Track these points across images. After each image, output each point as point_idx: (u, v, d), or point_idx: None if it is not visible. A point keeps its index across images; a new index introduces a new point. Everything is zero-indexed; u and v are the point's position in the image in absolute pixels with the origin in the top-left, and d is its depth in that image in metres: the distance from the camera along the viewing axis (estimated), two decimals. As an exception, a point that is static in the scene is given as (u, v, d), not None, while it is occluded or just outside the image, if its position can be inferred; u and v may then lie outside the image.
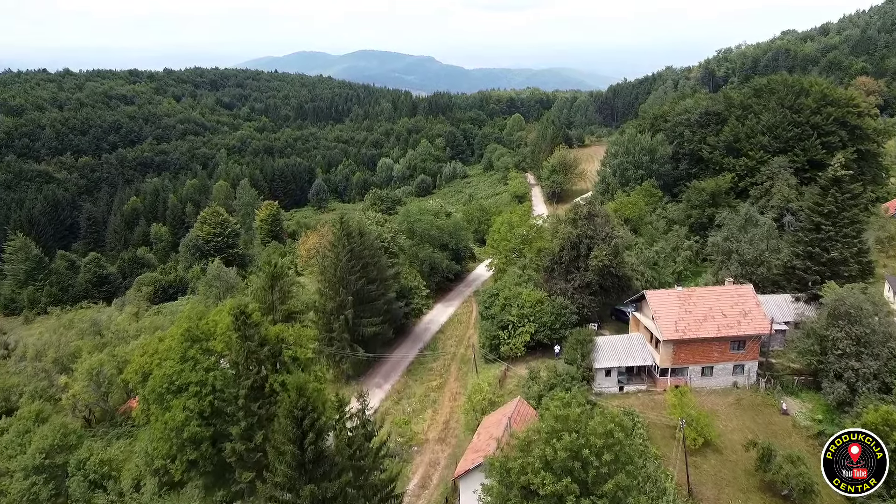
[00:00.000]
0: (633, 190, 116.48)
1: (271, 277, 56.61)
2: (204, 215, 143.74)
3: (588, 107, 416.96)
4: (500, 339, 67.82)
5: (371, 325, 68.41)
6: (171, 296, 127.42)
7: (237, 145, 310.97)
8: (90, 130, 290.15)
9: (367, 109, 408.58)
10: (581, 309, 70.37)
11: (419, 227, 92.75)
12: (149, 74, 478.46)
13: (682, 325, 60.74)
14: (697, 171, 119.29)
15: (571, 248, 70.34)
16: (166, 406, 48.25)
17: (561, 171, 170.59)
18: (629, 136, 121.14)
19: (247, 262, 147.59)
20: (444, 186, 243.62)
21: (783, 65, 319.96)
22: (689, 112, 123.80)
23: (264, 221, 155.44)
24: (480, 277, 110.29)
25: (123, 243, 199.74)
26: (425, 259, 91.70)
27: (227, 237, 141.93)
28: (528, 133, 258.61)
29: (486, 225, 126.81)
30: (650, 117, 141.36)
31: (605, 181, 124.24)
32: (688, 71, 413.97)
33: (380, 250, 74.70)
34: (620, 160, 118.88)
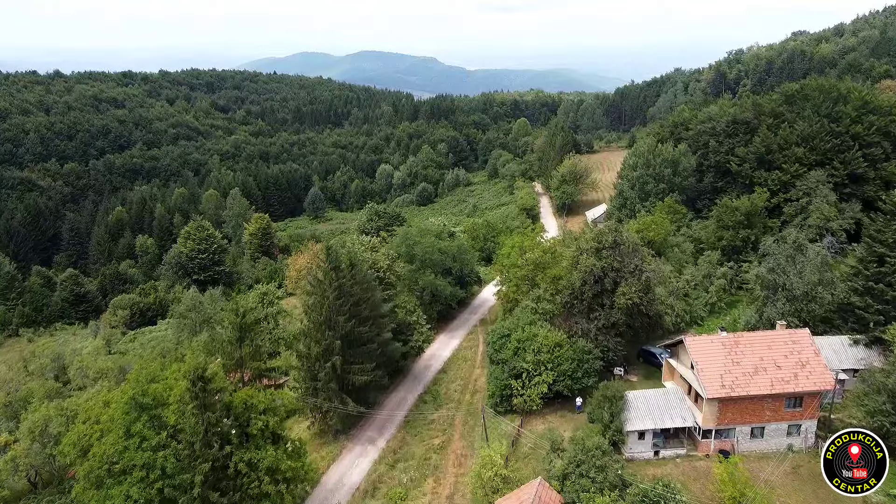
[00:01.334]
0: (654, 206, 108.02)
1: (239, 329, 47.98)
2: (188, 230, 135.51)
3: (595, 110, 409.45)
4: (513, 390, 59.23)
5: (362, 372, 59.79)
6: (150, 319, 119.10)
7: (231, 151, 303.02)
8: (77, 135, 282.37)
9: (367, 113, 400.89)
10: (606, 353, 61.78)
11: (419, 250, 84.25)
12: (143, 76, 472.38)
13: (729, 379, 52.08)
14: (724, 185, 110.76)
15: (595, 283, 61.72)
16: (106, 493, 39.68)
17: (572, 182, 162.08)
18: (649, 146, 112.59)
19: (234, 281, 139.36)
20: (447, 195, 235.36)
21: (799, 67, 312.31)
22: (715, 120, 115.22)
23: (254, 236, 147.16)
24: (487, 303, 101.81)
25: (107, 256, 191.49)
26: (426, 286, 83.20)
27: (212, 254, 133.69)
28: (534, 139, 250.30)
29: (493, 242, 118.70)
30: (669, 125, 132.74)
31: (622, 195, 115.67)
32: (698, 73, 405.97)
33: (374, 282, 66.09)
34: (640, 173, 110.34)
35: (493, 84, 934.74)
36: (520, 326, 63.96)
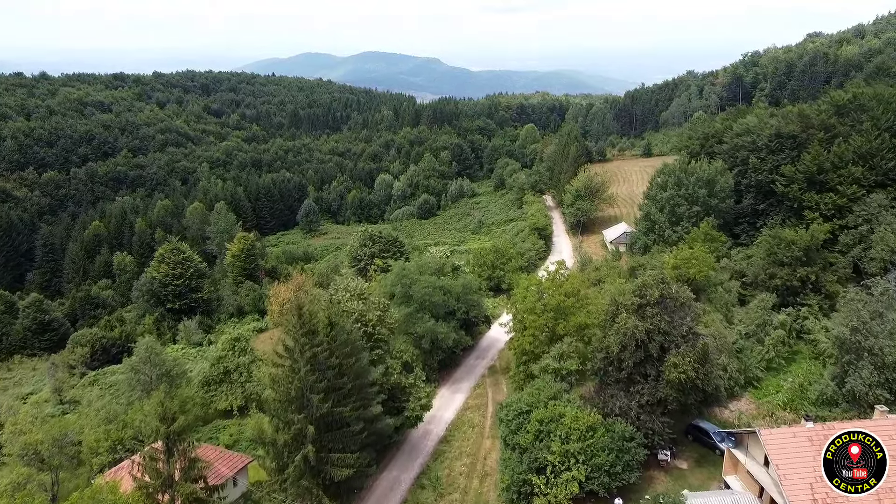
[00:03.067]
0: (687, 230, 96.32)
1: (167, 439, 36.21)
2: (162, 252, 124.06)
3: (605, 115, 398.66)
4: (535, 488, 47.41)
5: (343, 463, 48.06)
6: (115, 357, 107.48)
7: (222, 158, 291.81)
8: (59, 141, 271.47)
9: (367, 117, 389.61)
10: (650, 436, 50.02)
11: (417, 290, 72.59)
12: (135, 78, 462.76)
13: (822, 490, 40.20)
14: (767, 208, 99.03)
15: (636, 348, 49.92)
16: None
17: (587, 197, 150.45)
18: (681, 163, 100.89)
19: (213, 309, 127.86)
20: (450, 207, 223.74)
21: (822, 70, 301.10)
22: (754, 133, 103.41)
23: (237, 257, 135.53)
24: (496, 343, 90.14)
25: (82, 275, 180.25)
26: (425, 334, 71.46)
27: (189, 279, 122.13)
28: (543, 146, 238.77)
29: (502, 271, 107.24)
30: (699, 136, 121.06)
31: (649, 218, 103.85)
32: (713, 76, 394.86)
33: (360, 342, 54.38)
34: (671, 193, 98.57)
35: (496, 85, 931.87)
36: (541, 401, 52.19)
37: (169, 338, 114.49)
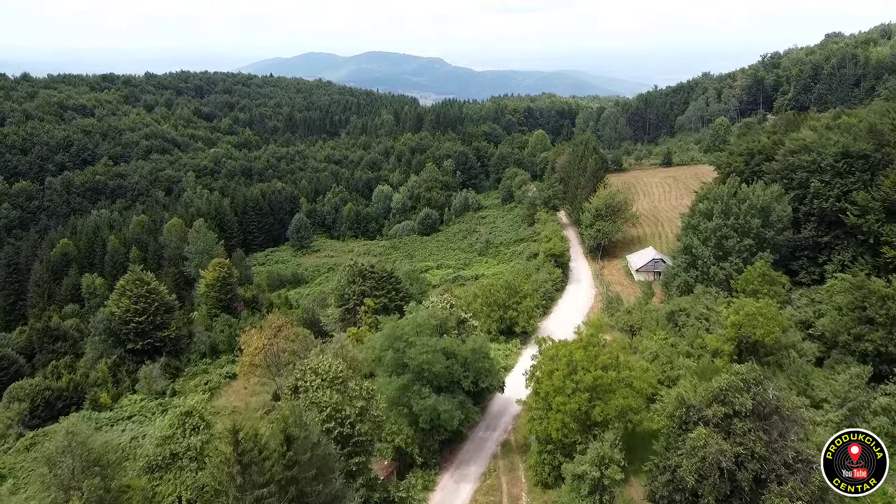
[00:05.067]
0: (737, 268, 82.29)
1: None
2: (122, 284, 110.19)
3: (618, 119, 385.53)
4: None
5: None
6: (62, 410, 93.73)
7: (209, 166, 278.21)
8: (34, 148, 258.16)
9: (366, 122, 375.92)
10: None
11: (413, 356, 58.53)
12: (125, 79, 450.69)
13: None
14: (832, 241, 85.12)
15: (721, 478, 35.87)
16: None
17: (609, 217, 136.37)
18: (730, 187, 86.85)
19: (182, 349, 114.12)
20: (454, 222, 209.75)
21: (851, 73, 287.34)
22: (814, 151, 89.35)
23: (211, 287, 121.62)
24: (509, 407, 76.01)
25: (47, 299, 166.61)
26: (422, 412, 57.52)
27: (153, 315, 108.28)
28: (555, 155, 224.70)
29: (515, 311, 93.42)
30: (742, 153, 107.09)
31: (689, 251, 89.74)
32: (730, 78, 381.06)
33: (332, 454, 40.46)
34: (717, 223, 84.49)
35: (500, 85, 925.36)
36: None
37: (127, 386, 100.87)
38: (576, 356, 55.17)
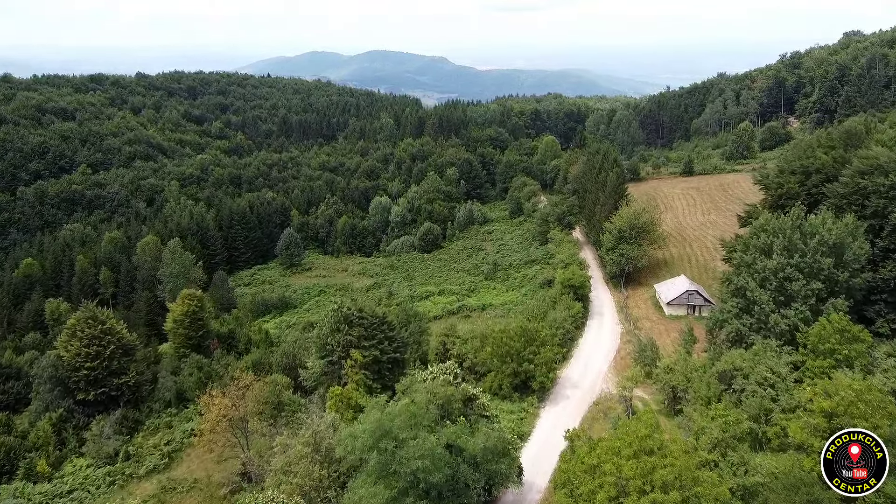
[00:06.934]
0: (803, 317, 68.43)
1: None
2: (73, 323, 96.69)
3: (631, 122, 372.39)
4: None
5: None
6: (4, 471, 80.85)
7: (195, 174, 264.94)
8: (6, 155, 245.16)
9: (365, 125, 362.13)
10: None
11: (406, 459, 44.82)
12: (113, 80, 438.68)
13: None
14: (921, 284, 71.28)
15: None
16: None
17: (633, 240, 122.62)
18: (793, 218, 73.04)
19: (143, 397, 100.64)
20: (457, 237, 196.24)
21: (881, 74, 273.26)
22: (891, 171, 75.47)
23: (179, 323, 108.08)
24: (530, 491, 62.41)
25: (7, 326, 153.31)
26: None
27: (108, 359, 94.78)
28: (568, 164, 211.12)
29: (531, 363, 79.92)
30: (796, 171, 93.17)
31: (743, 295, 75.77)
32: (750, 80, 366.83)
33: None
34: (779, 262, 70.66)
35: (504, 84, 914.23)
36: None
37: (73, 448, 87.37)
38: (625, 470, 41.39)
